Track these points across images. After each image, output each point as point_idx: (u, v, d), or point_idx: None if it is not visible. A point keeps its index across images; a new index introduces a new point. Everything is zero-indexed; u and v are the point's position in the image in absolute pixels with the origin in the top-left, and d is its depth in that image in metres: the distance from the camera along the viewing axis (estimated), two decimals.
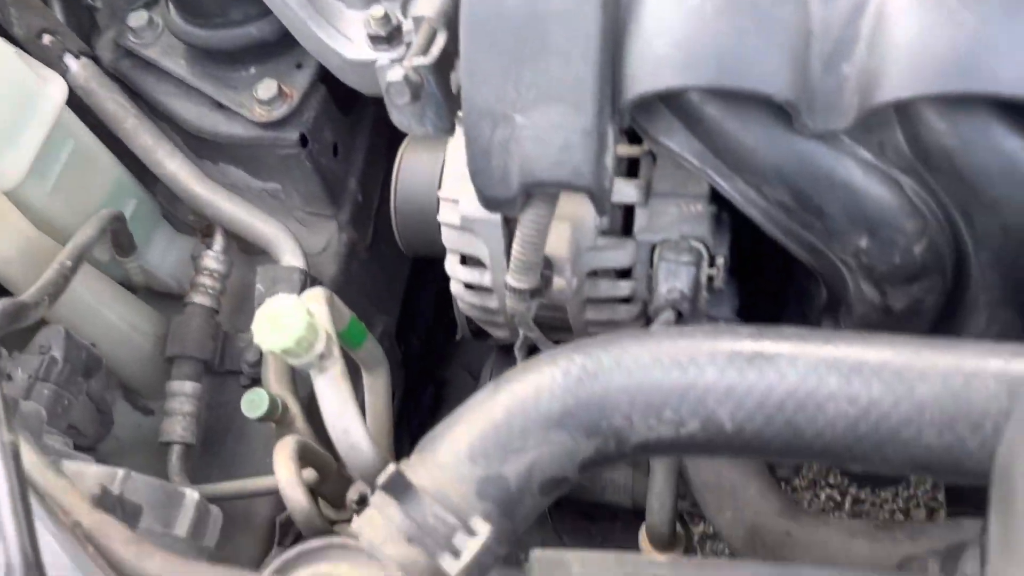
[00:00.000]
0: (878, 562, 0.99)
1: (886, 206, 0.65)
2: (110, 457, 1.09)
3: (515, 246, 0.70)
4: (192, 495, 0.63)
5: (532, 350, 0.91)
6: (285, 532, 1.03)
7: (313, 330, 0.58)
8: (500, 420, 0.57)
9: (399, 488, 0.55)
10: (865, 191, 0.65)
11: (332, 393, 0.61)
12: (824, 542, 0.99)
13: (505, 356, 1.15)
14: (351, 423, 0.61)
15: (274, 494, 0.98)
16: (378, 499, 0.56)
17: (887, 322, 0.75)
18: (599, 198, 0.66)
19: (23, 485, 0.43)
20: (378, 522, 0.55)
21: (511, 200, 0.67)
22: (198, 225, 1.18)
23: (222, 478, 1.03)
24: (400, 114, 0.74)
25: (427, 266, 1.46)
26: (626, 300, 0.80)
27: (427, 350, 1.61)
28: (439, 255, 0.91)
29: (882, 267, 0.68)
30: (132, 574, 0.46)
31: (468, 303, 0.87)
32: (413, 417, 1.64)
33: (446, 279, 0.89)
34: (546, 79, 0.62)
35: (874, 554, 1.00)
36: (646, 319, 0.83)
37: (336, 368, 0.61)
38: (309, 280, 1.04)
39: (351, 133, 1.15)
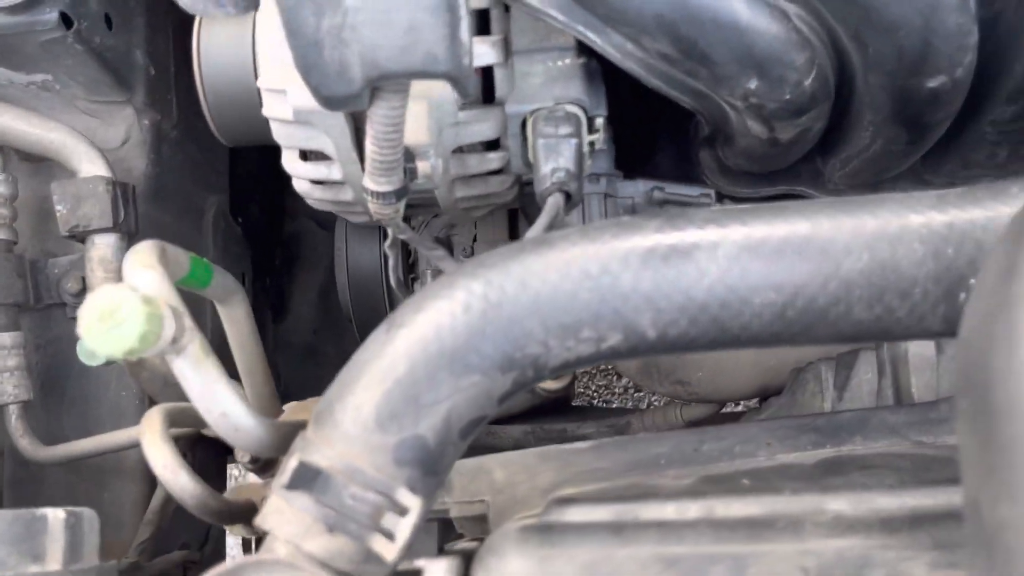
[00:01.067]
0: (764, 363, 1.03)
1: (775, 42, 0.59)
2: None
3: (369, 146, 0.60)
4: (56, 515, 0.54)
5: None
6: None
7: (156, 319, 0.47)
8: (403, 376, 0.50)
9: (307, 478, 0.48)
10: (752, 29, 0.58)
11: (197, 377, 0.51)
12: (716, 357, 1.01)
13: None
14: (227, 405, 0.52)
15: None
16: (284, 491, 0.49)
17: (772, 152, 0.72)
18: (461, 81, 0.56)
19: None
20: (290, 515, 0.49)
21: (355, 96, 0.56)
22: None
23: (75, 426, 0.92)
24: None
25: None
26: (497, 172, 0.72)
27: (267, 211, 1.48)
28: (273, 145, 0.78)
29: (772, 105, 0.63)
30: None
31: (319, 199, 0.76)
32: (269, 279, 1.54)
33: None
34: None
35: (760, 357, 1.03)
36: (520, 186, 0.76)
37: (194, 345, 0.52)
38: (118, 189, 0.89)
39: None
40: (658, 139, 0.85)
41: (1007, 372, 0.34)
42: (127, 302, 0.46)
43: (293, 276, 1.64)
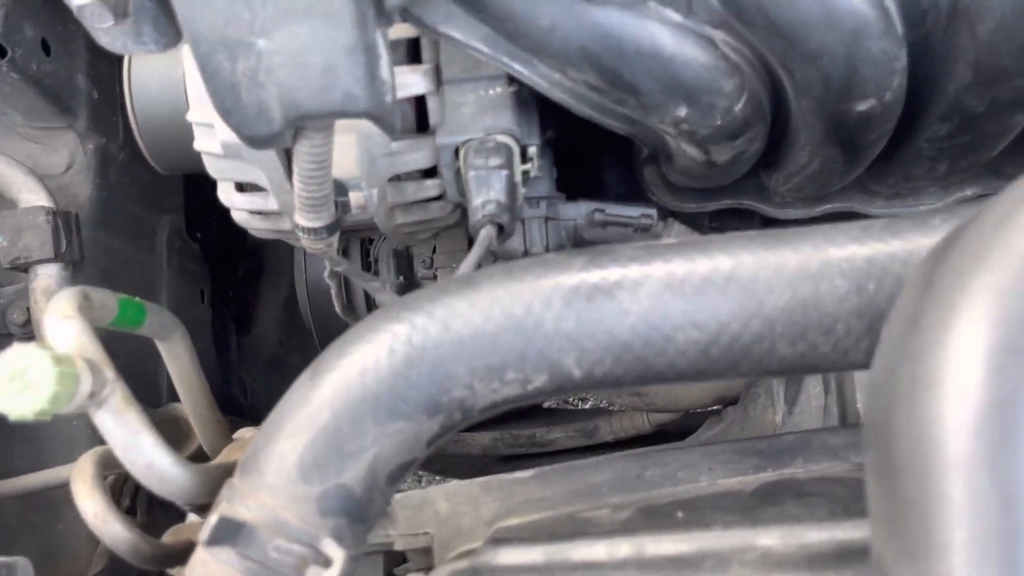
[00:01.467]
0: None
1: (702, 70, 0.58)
2: None
3: (296, 183, 0.59)
4: None
5: None
6: (120, 493, 0.95)
7: (69, 378, 0.46)
8: (328, 423, 0.49)
9: (229, 533, 0.48)
10: (678, 57, 0.57)
11: (119, 429, 0.50)
12: None
13: None
14: (152, 455, 0.51)
15: None
16: (207, 545, 0.49)
17: (711, 171, 0.71)
18: (383, 118, 0.55)
19: None
20: (215, 569, 0.48)
21: (277, 135, 0.55)
22: None
23: (26, 458, 0.91)
24: (108, 36, 0.58)
25: None
26: (437, 198, 0.71)
27: (226, 227, 1.47)
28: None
29: (704, 131, 0.62)
30: None
31: (258, 228, 0.75)
32: (232, 291, 1.53)
33: None
34: None
35: None
36: (463, 210, 0.75)
37: (115, 397, 0.51)
38: (60, 218, 0.87)
39: (61, 19, 0.93)
40: (604, 157, 0.85)
41: (907, 429, 0.34)
42: (36, 363, 0.46)
43: (257, 288, 1.62)
